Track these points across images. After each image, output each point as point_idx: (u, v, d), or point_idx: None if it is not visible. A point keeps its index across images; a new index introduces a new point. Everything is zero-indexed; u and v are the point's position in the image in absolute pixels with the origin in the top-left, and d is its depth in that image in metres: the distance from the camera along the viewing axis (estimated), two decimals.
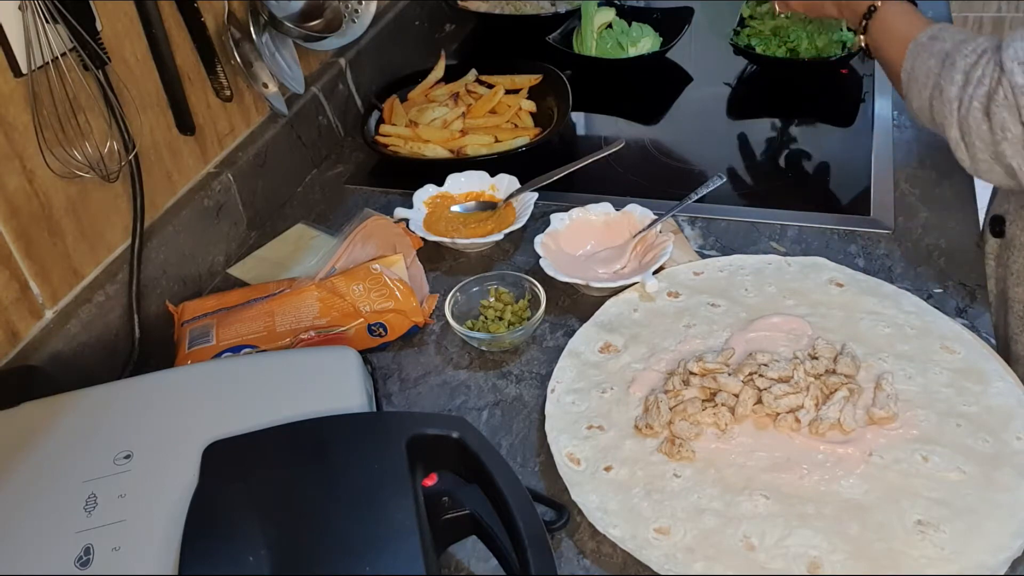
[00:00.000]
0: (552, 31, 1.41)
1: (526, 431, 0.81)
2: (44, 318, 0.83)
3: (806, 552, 0.65)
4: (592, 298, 0.93)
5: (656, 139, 1.25)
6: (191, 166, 1.02)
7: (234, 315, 0.87)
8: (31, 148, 0.79)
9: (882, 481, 0.69)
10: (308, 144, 1.20)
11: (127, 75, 0.89)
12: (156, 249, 0.94)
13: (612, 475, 0.72)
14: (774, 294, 0.88)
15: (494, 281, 0.93)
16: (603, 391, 0.80)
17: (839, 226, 1.01)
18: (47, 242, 0.82)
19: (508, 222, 1.02)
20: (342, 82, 1.28)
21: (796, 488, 0.70)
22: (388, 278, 0.89)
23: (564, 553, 0.70)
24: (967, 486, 0.68)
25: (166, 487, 0.62)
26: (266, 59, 1.06)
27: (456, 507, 0.61)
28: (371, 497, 0.57)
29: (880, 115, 1.22)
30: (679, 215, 1.03)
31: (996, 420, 0.73)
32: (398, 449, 0.60)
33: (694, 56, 1.43)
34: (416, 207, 1.05)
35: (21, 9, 0.75)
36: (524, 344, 0.90)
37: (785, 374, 0.77)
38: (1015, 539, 0.64)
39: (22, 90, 0.77)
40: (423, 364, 0.89)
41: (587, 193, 1.08)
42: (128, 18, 0.89)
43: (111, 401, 0.71)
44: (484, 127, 1.21)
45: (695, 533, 0.67)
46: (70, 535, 0.59)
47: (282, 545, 0.54)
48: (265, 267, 1.04)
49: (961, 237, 0.98)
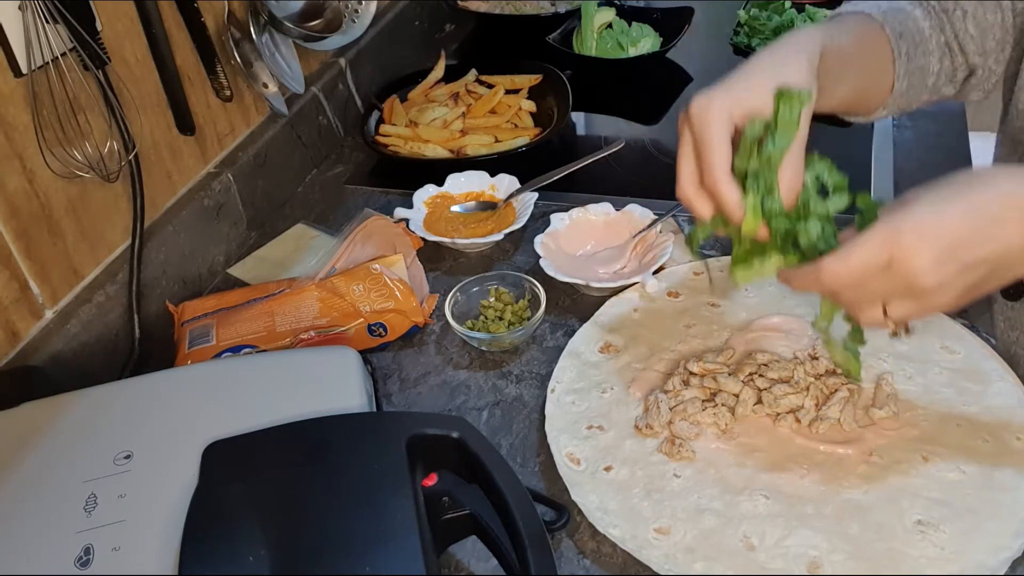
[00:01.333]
0: (552, 31, 1.41)
1: (526, 431, 0.81)
2: (44, 318, 0.83)
3: (806, 552, 0.65)
4: (592, 298, 0.93)
5: (656, 139, 1.25)
6: (191, 166, 1.02)
7: (234, 315, 0.87)
8: (31, 148, 0.79)
9: (882, 481, 0.69)
10: (308, 144, 1.20)
11: (127, 75, 0.89)
12: (156, 249, 0.94)
13: (612, 475, 0.72)
14: (774, 294, 0.88)
15: (494, 281, 0.93)
16: (603, 391, 0.80)
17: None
18: (47, 242, 0.82)
19: (508, 222, 1.02)
20: (342, 82, 1.28)
21: (796, 488, 0.70)
22: (388, 278, 0.89)
23: (564, 553, 0.70)
24: (967, 486, 0.68)
25: (166, 487, 0.62)
26: (266, 59, 1.06)
27: (456, 507, 0.61)
28: (371, 497, 0.57)
29: None
30: (679, 215, 1.03)
31: (996, 420, 0.73)
32: (398, 449, 0.60)
33: (694, 56, 1.43)
34: (416, 207, 1.05)
35: (21, 9, 0.75)
36: (524, 344, 0.90)
37: (785, 374, 0.77)
38: (1015, 539, 0.64)
39: (22, 90, 0.77)
40: (423, 364, 0.89)
41: (587, 193, 1.08)
42: (128, 18, 0.89)
43: (111, 401, 0.71)
44: (484, 127, 1.21)
45: (695, 533, 0.67)
46: (70, 535, 0.60)
47: (282, 545, 0.54)
48: (265, 267, 1.04)
49: None
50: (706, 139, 0.66)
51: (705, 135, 0.66)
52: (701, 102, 0.66)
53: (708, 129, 0.66)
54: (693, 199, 0.69)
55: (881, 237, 0.60)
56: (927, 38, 0.83)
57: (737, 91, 0.67)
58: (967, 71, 0.86)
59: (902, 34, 0.81)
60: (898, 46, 0.81)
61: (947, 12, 0.84)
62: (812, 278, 0.62)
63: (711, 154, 0.66)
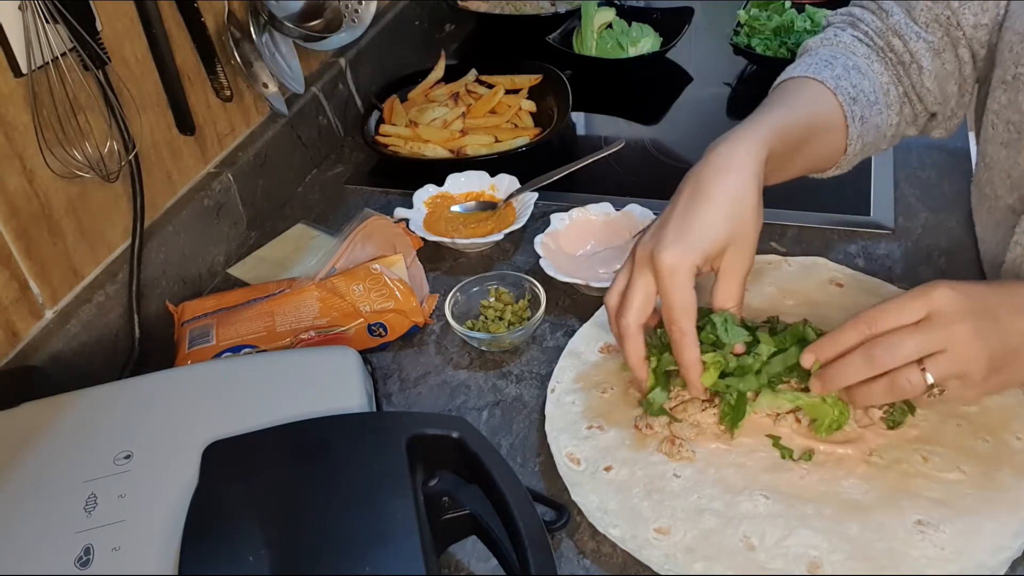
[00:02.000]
0: (552, 31, 1.41)
1: (526, 431, 0.81)
2: (44, 318, 0.83)
3: (806, 552, 0.65)
4: (592, 298, 0.93)
5: (656, 139, 1.25)
6: (191, 166, 1.02)
7: (234, 315, 0.87)
8: (31, 148, 0.79)
9: (882, 481, 0.69)
10: (308, 144, 1.20)
11: (127, 75, 0.89)
12: (156, 249, 0.94)
13: (612, 475, 0.72)
14: (774, 294, 0.88)
15: (494, 281, 0.93)
16: (603, 391, 0.80)
17: (839, 226, 1.01)
18: (47, 242, 0.82)
19: (508, 222, 1.02)
20: (342, 82, 1.28)
21: (796, 488, 0.70)
22: (388, 278, 0.89)
23: (564, 553, 0.70)
24: (967, 486, 0.68)
25: (166, 487, 0.62)
26: (266, 59, 1.06)
27: (456, 507, 0.61)
28: (371, 497, 0.57)
29: None
30: None
31: (996, 420, 0.73)
32: (398, 449, 0.60)
33: (694, 56, 1.43)
34: (416, 207, 1.05)
35: (21, 9, 0.75)
36: (524, 344, 0.90)
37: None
38: (1015, 539, 0.64)
39: (22, 90, 0.77)
40: (423, 364, 0.89)
41: (587, 193, 1.08)
42: (128, 18, 0.89)
43: (111, 401, 0.71)
44: (484, 127, 1.21)
45: (695, 533, 0.67)
46: (70, 535, 0.59)
47: (282, 545, 0.54)
48: (265, 267, 1.04)
49: (961, 237, 0.98)
50: (678, 301, 0.70)
51: (676, 297, 0.70)
52: (672, 260, 0.70)
53: (679, 291, 0.70)
54: (633, 336, 0.73)
55: (919, 289, 0.64)
56: (887, 91, 0.85)
57: (698, 245, 0.70)
58: (928, 116, 0.89)
59: (855, 98, 0.82)
60: (851, 111, 0.82)
61: (904, 65, 0.85)
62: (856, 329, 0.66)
63: (684, 315, 0.70)
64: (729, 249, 0.72)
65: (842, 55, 0.85)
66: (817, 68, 0.83)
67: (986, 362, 0.63)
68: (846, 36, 0.87)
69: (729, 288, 0.73)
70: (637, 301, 0.72)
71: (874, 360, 0.64)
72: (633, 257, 0.74)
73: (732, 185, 0.72)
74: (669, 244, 0.70)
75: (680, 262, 0.69)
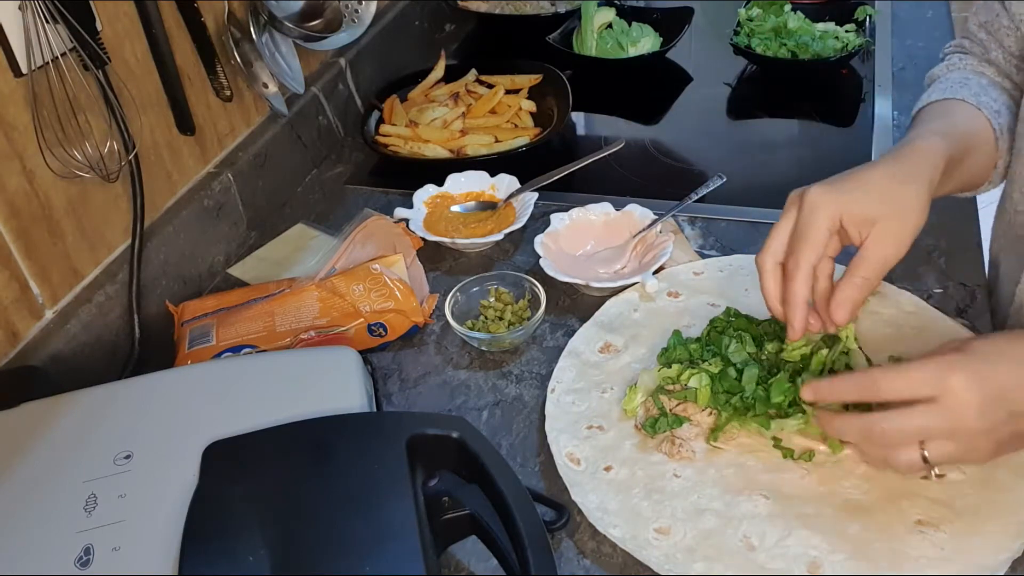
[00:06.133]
0: (552, 31, 1.41)
1: (526, 431, 0.81)
2: (44, 318, 0.83)
3: (806, 552, 0.65)
4: (592, 298, 0.93)
5: (656, 139, 1.25)
6: (191, 166, 1.02)
7: (234, 315, 0.87)
8: (31, 148, 0.79)
9: (882, 481, 0.69)
10: (308, 144, 1.20)
11: (127, 75, 0.89)
12: (156, 249, 0.94)
13: (612, 475, 0.72)
14: None
15: (494, 281, 0.93)
16: (603, 391, 0.80)
17: None
18: (47, 242, 0.82)
19: (508, 222, 1.02)
20: (342, 82, 1.28)
21: (796, 488, 0.70)
22: (388, 278, 0.89)
23: (564, 553, 0.70)
24: (967, 486, 0.68)
25: (166, 487, 0.62)
26: (266, 59, 1.06)
27: (456, 507, 0.61)
28: (371, 497, 0.57)
29: (880, 115, 1.22)
30: (679, 215, 1.03)
31: None
32: (398, 449, 0.60)
33: (694, 56, 1.43)
34: (416, 207, 1.05)
35: (21, 9, 0.75)
36: (524, 344, 0.90)
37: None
38: (1015, 539, 0.64)
39: (22, 90, 0.77)
40: (423, 364, 0.89)
41: (587, 193, 1.08)
42: (128, 18, 0.89)
43: (111, 401, 0.71)
44: (484, 127, 1.21)
45: (695, 533, 0.67)
46: (70, 535, 0.60)
47: (282, 545, 0.54)
48: (265, 267, 1.04)
49: (961, 237, 0.98)
50: (808, 234, 0.70)
51: (809, 230, 0.70)
52: (817, 198, 0.70)
53: (813, 226, 0.70)
54: (768, 272, 0.73)
55: (935, 366, 0.61)
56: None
57: (851, 198, 0.70)
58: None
59: (999, 111, 0.84)
60: (998, 124, 0.83)
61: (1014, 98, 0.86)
62: (860, 386, 0.64)
63: (807, 248, 0.70)
64: (879, 225, 0.69)
65: (973, 76, 0.87)
66: (954, 90, 0.84)
67: (991, 451, 0.62)
68: (970, 61, 0.89)
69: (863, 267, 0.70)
70: (776, 240, 0.72)
71: (873, 439, 0.63)
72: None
73: (903, 165, 0.72)
74: (821, 185, 0.71)
75: (823, 201, 0.70)
